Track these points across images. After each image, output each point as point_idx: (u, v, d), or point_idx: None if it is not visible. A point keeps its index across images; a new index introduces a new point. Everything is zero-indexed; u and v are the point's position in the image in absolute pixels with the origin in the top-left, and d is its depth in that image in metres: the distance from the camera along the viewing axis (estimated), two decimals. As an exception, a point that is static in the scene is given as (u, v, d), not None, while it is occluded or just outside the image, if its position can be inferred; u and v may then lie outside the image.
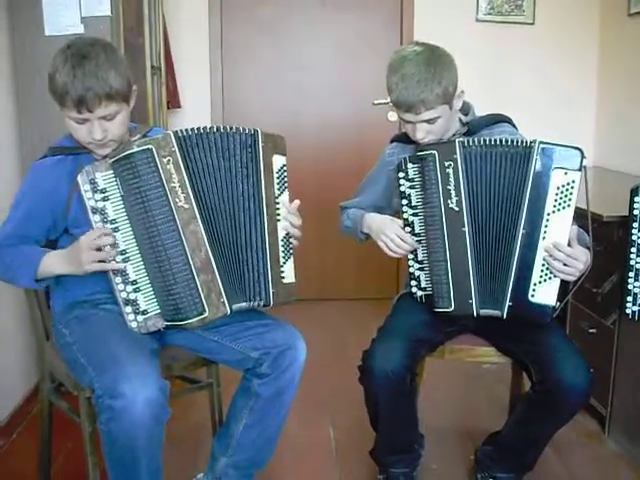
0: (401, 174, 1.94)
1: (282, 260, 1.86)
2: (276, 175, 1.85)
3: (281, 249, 1.86)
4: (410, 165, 1.92)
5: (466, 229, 1.87)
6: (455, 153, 1.86)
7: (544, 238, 1.81)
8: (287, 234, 1.87)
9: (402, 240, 1.95)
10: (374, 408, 1.99)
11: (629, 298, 2.10)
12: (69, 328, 1.80)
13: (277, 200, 1.85)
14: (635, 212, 2.06)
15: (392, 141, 2.20)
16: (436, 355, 2.08)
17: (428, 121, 1.93)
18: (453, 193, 1.87)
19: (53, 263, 1.75)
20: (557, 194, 1.79)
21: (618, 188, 2.25)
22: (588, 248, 1.85)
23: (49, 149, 1.87)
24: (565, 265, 1.79)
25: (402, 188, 1.94)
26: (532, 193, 1.80)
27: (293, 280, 1.89)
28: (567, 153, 1.79)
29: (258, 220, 1.81)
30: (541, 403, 1.88)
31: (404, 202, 1.94)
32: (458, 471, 2.31)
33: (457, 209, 1.87)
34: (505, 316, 1.87)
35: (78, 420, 1.83)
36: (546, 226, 1.80)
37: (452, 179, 1.86)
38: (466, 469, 2.30)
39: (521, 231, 1.82)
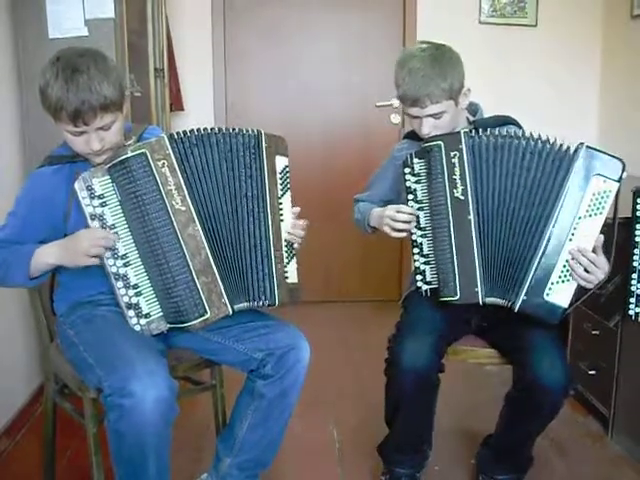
0: (407, 169, 1.95)
1: (285, 260, 1.86)
2: (279, 176, 1.87)
3: (284, 249, 1.86)
4: (416, 160, 1.94)
5: (472, 218, 1.87)
6: (460, 143, 1.87)
7: (571, 240, 1.80)
8: (290, 234, 1.88)
9: (400, 212, 1.95)
10: (396, 402, 1.99)
11: (632, 300, 2.09)
12: (74, 328, 1.81)
13: (280, 201, 1.87)
14: (638, 213, 2.06)
15: (404, 137, 2.23)
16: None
17: (434, 116, 1.95)
18: (459, 182, 1.87)
19: (47, 254, 1.74)
20: (592, 200, 1.79)
21: (621, 189, 2.25)
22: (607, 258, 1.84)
23: (46, 158, 1.87)
24: (586, 271, 1.79)
25: (408, 183, 1.96)
26: (569, 194, 1.80)
27: (296, 280, 1.90)
28: (610, 162, 1.79)
29: (262, 221, 1.82)
30: (522, 402, 1.90)
31: (410, 197, 1.96)
32: (460, 473, 2.31)
33: (462, 198, 1.87)
34: (517, 309, 1.86)
35: (82, 421, 1.83)
36: (575, 229, 1.80)
37: (457, 168, 1.87)
38: (468, 471, 2.30)
39: (550, 229, 1.81)
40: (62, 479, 2.19)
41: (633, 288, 2.09)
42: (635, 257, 2.08)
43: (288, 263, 1.87)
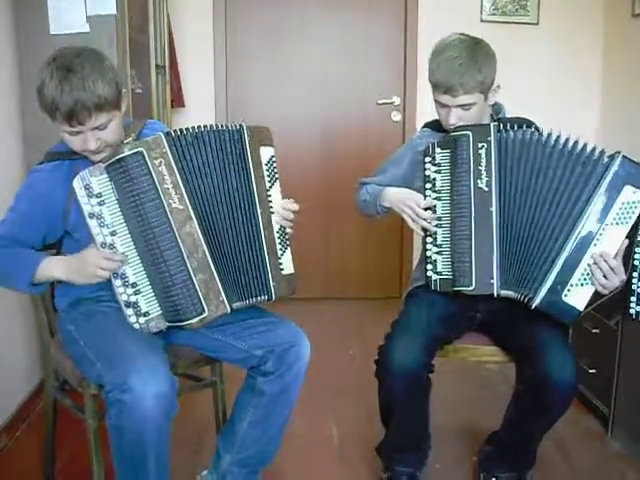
0: (427, 159, 1.97)
1: (279, 252, 1.86)
2: (265, 167, 1.86)
3: (277, 241, 1.86)
4: (438, 150, 1.95)
5: (493, 210, 1.89)
6: (490, 135, 1.89)
7: (595, 245, 1.82)
8: (282, 225, 1.88)
9: (421, 208, 1.97)
10: (388, 402, 1.99)
11: (633, 298, 2.08)
12: (75, 324, 1.81)
13: (269, 192, 1.86)
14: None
15: (424, 127, 2.23)
16: (440, 354, 2.07)
17: (463, 107, 1.97)
18: (484, 174, 1.89)
19: (54, 267, 1.75)
20: (621, 208, 1.80)
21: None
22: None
23: (46, 155, 1.87)
24: (605, 277, 1.81)
25: (427, 172, 1.97)
26: (599, 201, 1.80)
27: (292, 271, 1.89)
28: None
29: (252, 215, 1.82)
30: (530, 399, 1.90)
31: (428, 186, 1.97)
32: (461, 471, 2.31)
33: (486, 189, 1.89)
34: (535, 305, 1.87)
35: (83, 417, 1.83)
36: (600, 235, 1.81)
37: (484, 160, 1.89)
38: (469, 469, 2.31)
39: (577, 231, 1.82)
40: (62, 475, 2.20)
41: (634, 287, 2.09)
42: (636, 256, 2.08)
43: (282, 254, 1.87)
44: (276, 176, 1.88)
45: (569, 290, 1.84)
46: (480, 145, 1.89)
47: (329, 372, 3.03)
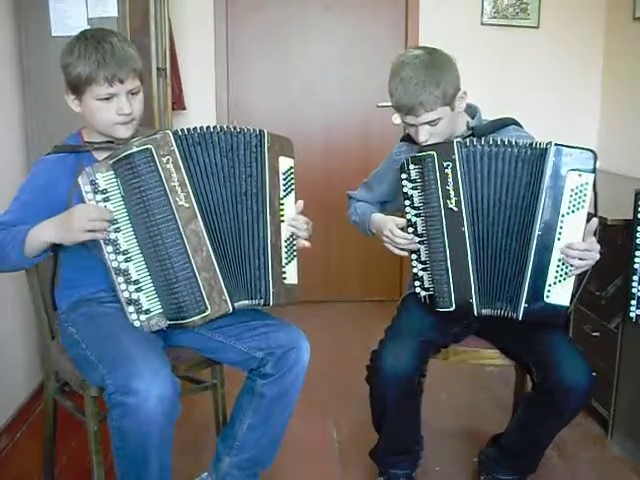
0: (404, 175, 1.94)
1: (285, 261, 1.86)
2: (282, 177, 1.87)
3: (284, 250, 1.86)
4: (412, 166, 1.92)
5: (465, 229, 1.87)
6: (453, 153, 1.86)
7: (559, 239, 1.80)
8: (291, 235, 1.88)
9: (395, 235, 1.97)
10: (380, 408, 1.99)
11: (633, 302, 2.09)
12: (76, 326, 1.81)
13: (282, 201, 1.86)
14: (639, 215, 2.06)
15: (401, 140, 2.22)
16: (440, 357, 2.08)
17: (430, 123, 1.94)
18: (452, 194, 1.86)
19: (42, 229, 1.71)
20: (572, 196, 1.79)
21: (623, 191, 2.26)
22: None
23: (54, 146, 1.89)
24: (581, 259, 1.79)
25: (405, 189, 1.95)
26: (548, 195, 1.79)
27: (295, 282, 1.89)
28: (581, 155, 1.78)
29: (261, 219, 1.82)
30: (542, 403, 1.89)
31: (407, 203, 1.95)
32: (461, 473, 2.31)
33: (456, 209, 1.87)
34: (521, 317, 1.86)
35: (83, 419, 1.83)
36: (561, 227, 1.80)
37: (451, 179, 1.86)
38: (469, 471, 2.30)
39: (537, 233, 1.81)
40: (62, 478, 2.20)
41: (634, 290, 2.09)
42: (636, 259, 2.09)
43: (288, 263, 1.87)
44: (292, 187, 1.89)
45: (549, 291, 1.83)
46: (445, 164, 1.86)
47: (329, 375, 3.03)
